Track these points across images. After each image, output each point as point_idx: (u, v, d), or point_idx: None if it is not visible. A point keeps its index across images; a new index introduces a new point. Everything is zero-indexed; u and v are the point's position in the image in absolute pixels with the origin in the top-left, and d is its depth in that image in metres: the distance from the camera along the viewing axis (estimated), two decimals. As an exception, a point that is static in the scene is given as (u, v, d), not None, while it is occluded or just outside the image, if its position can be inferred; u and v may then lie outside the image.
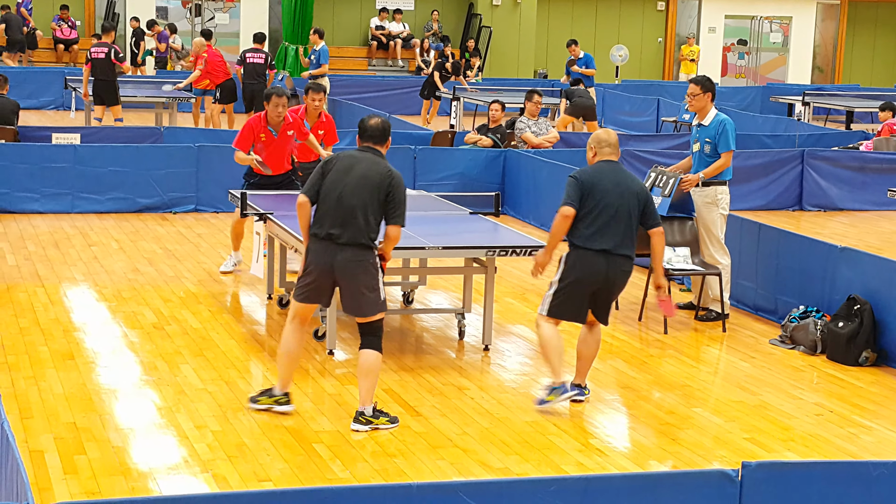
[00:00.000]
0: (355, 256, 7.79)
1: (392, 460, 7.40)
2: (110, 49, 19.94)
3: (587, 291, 8.37)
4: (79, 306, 10.82)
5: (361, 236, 7.79)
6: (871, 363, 9.79)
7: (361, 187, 7.83)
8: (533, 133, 16.86)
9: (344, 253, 7.78)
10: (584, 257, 8.34)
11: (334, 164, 7.99)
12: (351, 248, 7.78)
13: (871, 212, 17.21)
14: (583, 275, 8.33)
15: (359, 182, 7.84)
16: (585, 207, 8.36)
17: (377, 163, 7.95)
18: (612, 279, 8.38)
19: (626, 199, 8.36)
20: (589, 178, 8.41)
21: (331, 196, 7.85)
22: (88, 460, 7.20)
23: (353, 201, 7.79)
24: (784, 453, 7.86)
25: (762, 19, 37.85)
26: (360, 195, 7.81)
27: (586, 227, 8.35)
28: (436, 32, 33.44)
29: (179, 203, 15.33)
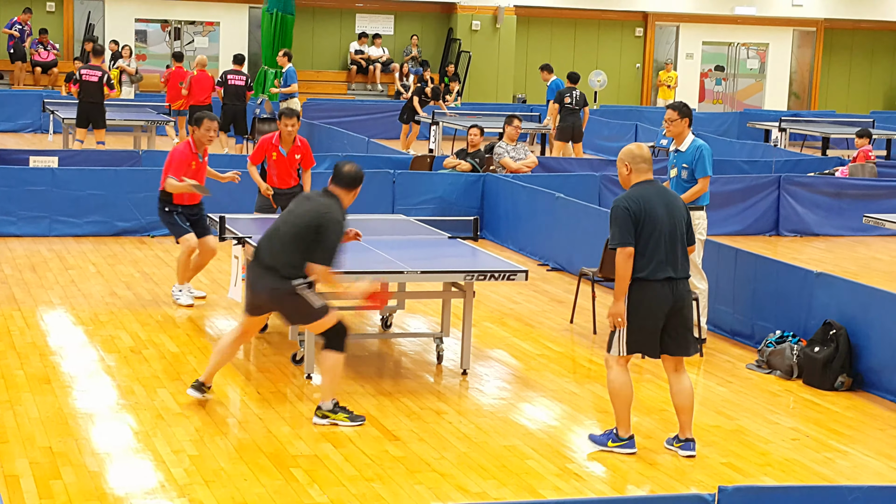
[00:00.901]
0: (272, 283, 8.22)
1: (370, 484, 7.39)
2: (104, 74, 20.00)
3: (659, 325, 7.94)
4: (55, 330, 10.78)
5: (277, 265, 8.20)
6: (847, 388, 9.83)
7: (291, 224, 8.25)
8: (511, 158, 16.91)
9: (264, 279, 8.26)
10: (648, 290, 7.88)
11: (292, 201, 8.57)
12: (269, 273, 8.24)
13: (847, 237, 17.29)
14: (652, 308, 7.88)
15: (292, 218, 8.29)
16: (641, 238, 7.86)
17: (320, 203, 8.26)
18: (681, 306, 7.99)
19: (677, 221, 8.00)
20: (638, 206, 7.87)
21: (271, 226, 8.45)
22: (64, 485, 7.17)
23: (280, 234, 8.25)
24: (760, 478, 7.87)
25: (739, 46, 38.07)
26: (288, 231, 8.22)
27: (646, 258, 7.86)
28: (415, 57, 33.53)
29: (158, 227, 15.24)
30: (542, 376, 9.99)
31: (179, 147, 11.85)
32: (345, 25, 34.01)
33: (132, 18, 32.19)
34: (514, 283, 12.92)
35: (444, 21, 34.55)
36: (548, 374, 10.08)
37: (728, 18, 36.80)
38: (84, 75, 20.13)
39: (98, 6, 31.90)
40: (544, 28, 35.48)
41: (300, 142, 12.44)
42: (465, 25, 33.83)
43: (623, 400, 8.07)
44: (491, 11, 33.92)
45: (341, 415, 8.38)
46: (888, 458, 8.35)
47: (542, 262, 14.55)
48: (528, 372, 10.12)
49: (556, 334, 11.35)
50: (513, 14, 34.15)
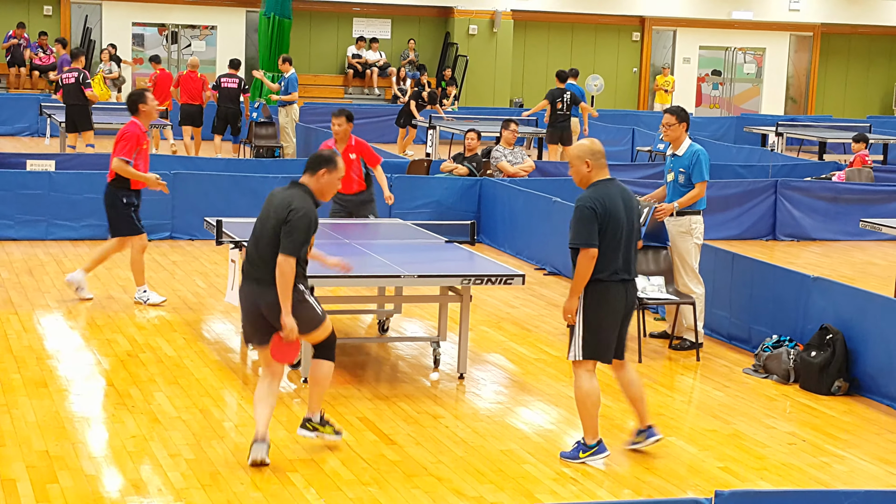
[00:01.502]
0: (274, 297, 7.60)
1: (367, 489, 7.39)
2: (80, 74, 19.90)
3: (616, 329, 7.94)
4: (52, 333, 10.78)
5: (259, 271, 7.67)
6: (844, 392, 9.84)
7: (270, 226, 7.66)
8: (509, 162, 16.93)
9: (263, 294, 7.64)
10: (607, 293, 7.81)
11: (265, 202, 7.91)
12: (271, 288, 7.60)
13: (843, 242, 17.32)
14: (610, 311, 7.84)
15: (268, 220, 7.70)
16: (605, 239, 7.76)
17: (287, 195, 7.70)
18: (632, 308, 8.02)
19: (635, 221, 7.95)
20: (604, 207, 7.74)
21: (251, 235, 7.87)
22: (61, 489, 7.16)
23: (263, 241, 7.68)
24: (757, 482, 7.88)
25: (736, 50, 38.12)
26: (269, 234, 7.66)
27: (608, 259, 7.77)
28: (412, 61, 33.56)
29: (154, 230, 15.28)
30: (538, 380, 9.99)
31: (129, 126, 11.63)
32: (342, 29, 34.04)
33: (129, 22, 32.21)
34: (511, 287, 12.93)
35: (441, 25, 34.57)
36: (545, 378, 10.08)
37: (725, 23, 36.84)
38: (64, 79, 20.13)
39: (95, 10, 31.92)
40: (541, 32, 35.52)
41: (355, 141, 12.27)
42: (463, 29, 33.86)
43: (591, 407, 7.96)
44: (488, 16, 33.95)
45: (328, 428, 8.01)
46: (885, 462, 8.36)
47: (538, 267, 14.55)
48: (525, 376, 10.12)
49: (552, 338, 11.35)
50: (510, 18, 34.18)
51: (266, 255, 7.63)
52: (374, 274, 9.59)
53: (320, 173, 7.76)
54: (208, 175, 15.84)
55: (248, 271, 7.76)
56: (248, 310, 7.79)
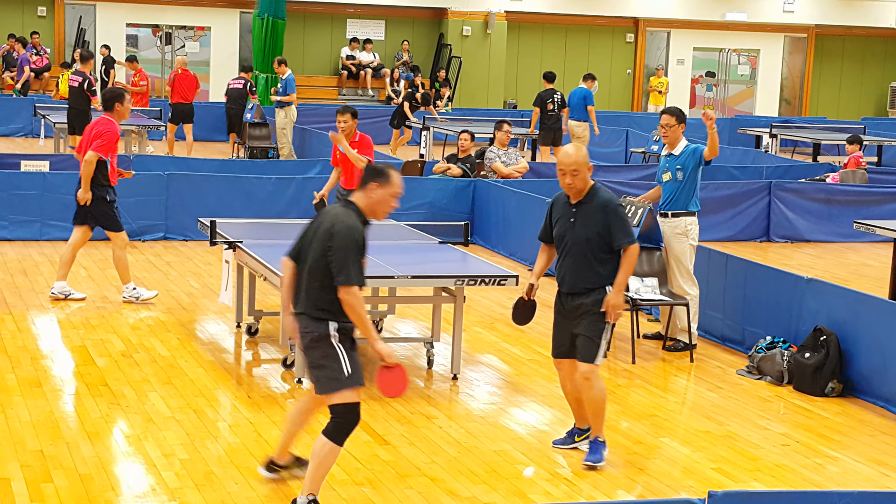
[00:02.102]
0: (303, 327, 6.82)
1: (360, 489, 7.39)
2: (85, 79, 19.92)
3: None
4: (46, 334, 10.77)
5: (310, 306, 6.78)
6: (837, 394, 9.85)
7: (317, 251, 6.77)
8: (503, 163, 16.93)
9: (298, 322, 6.88)
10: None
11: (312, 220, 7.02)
12: (301, 317, 6.84)
13: (837, 243, 17.34)
14: None
15: (313, 243, 6.82)
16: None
17: (334, 215, 6.82)
18: None
19: None
20: None
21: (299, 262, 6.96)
22: (55, 489, 7.16)
23: (310, 268, 6.79)
24: (751, 483, 7.89)
25: (730, 52, 38.17)
26: (315, 261, 6.76)
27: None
28: (406, 62, 33.56)
29: (148, 231, 15.30)
30: (532, 381, 10.00)
31: (108, 124, 11.61)
32: (336, 30, 34.04)
33: (123, 23, 32.19)
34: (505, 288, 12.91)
35: (434, 26, 34.58)
36: (538, 379, 10.09)
37: (719, 24, 36.88)
38: (70, 81, 20.18)
39: (89, 11, 31.89)
40: (535, 34, 35.54)
41: (359, 137, 12.11)
42: (456, 31, 33.87)
43: (605, 406, 8.05)
44: (482, 17, 33.96)
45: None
46: (878, 463, 8.37)
47: (532, 268, 14.54)
48: (519, 377, 10.13)
49: (546, 339, 11.31)
50: (503, 20, 34.19)
51: (312, 286, 6.75)
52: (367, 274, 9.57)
53: (370, 188, 6.82)
54: (202, 176, 15.84)
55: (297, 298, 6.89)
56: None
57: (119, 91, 11.83)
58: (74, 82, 19.97)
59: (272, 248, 10.00)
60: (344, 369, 6.73)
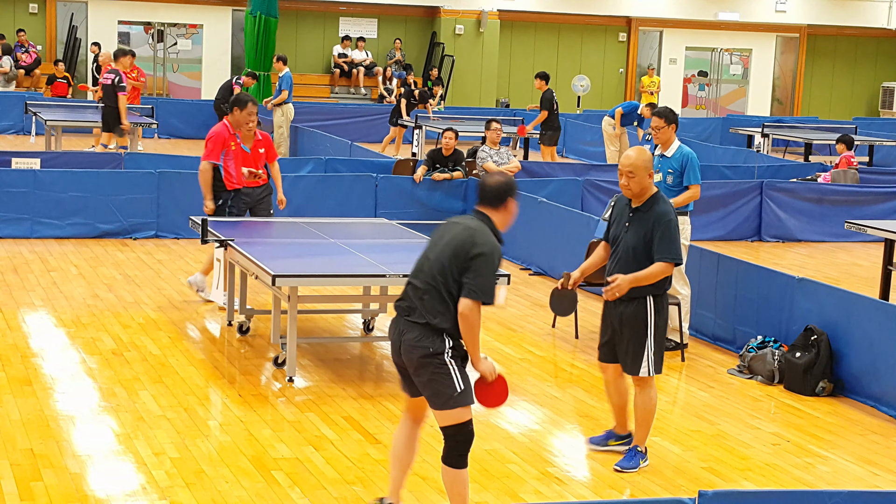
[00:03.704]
0: (416, 340, 6.48)
1: (351, 488, 7.39)
2: (117, 76, 19.94)
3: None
4: (37, 332, 10.75)
5: (428, 315, 6.48)
6: (828, 393, 9.86)
7: (440, 261, 6.50)
8: (494, 162, 16.92)
9: (410, 333, 6.52)
10: (665, 305, 7.94)
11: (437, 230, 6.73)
12: (417, 327, 6.51)
13: (828, 243, 17.36)
14: (665, 323, 7.96)
15: (442, 250, 6.53)
16: None
17: (468, 227, 6.54)
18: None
19: None
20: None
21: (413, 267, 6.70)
22: (45, 487, 7.15)
23: (429, 276, 6.52)
24: (741, 482, 7.90)
25: (722, 51, 38.20)
26: (436, 270, 6.50)
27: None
28: (399, 60, 33.55)
29: (140, 229, 15.28)
30: (523, 380, 10.00)
31: (216, 129, 11.52)
32: (328, 29, 34.02)
33: (115, 20, 32.14)
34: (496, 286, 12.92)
35: (427, 25, 34.58)
36: (529, 378, 10.09)
37: (711, 24, 36.91)
38: (102, 79, 20.21)
39: (81, 8, 31.85)
40: (528, 32, 35.55)
41: (261, 135, 11.80)
42: (449, 29, 33.86)
43: (652, 418, 8.05)
44: (475, 15, 33.96)
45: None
46: (868, 463, 8.39)
47: (524, 267, 14.56)
48: (510, 376, 10.12)
49: (537, 339, 11.36)
50: (496, 18, 34.20)
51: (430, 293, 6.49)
52: (359, 273, 9.58)
53: (509, 203, 6.68)
54: (193, 174, 15.76)
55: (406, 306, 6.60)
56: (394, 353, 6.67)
57: (238, 98, 11.54)
58: (108, 80, 19.99)
59: (263, 246, 9.99)
60: (456, 385, 6.49)
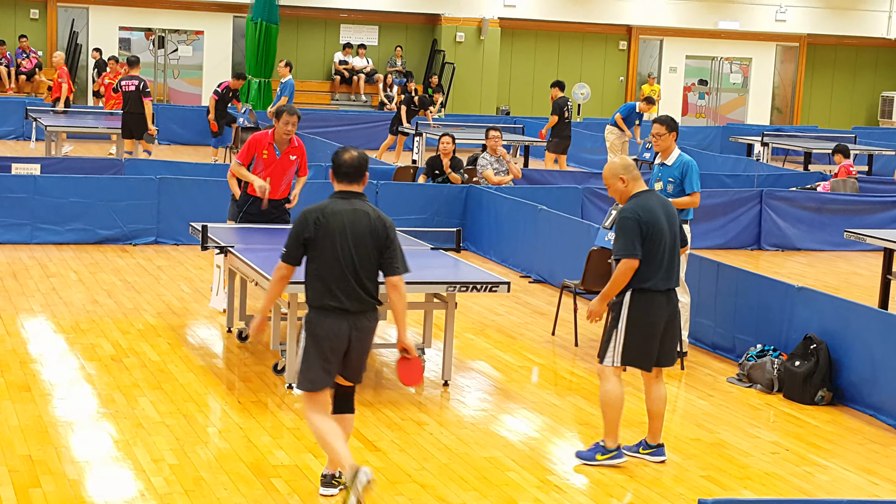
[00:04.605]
0: (371, 322, 7.12)
1: (350, 495, 7.38)
2: (141, 83, 20.02)
3: (658, 338, 8.01)
4: (36, 338, 10.75)
5: (373, 299, 7.11)
6: (827, 402, 9.86)
7: (368, 249, 7.03)
8: (494, 170, 16.93)
9: (361, 321, 7.06)
10: (651, 301, 7.93)
11: (323, 223, 7.01)
12: (367, 314, 7.09)
13: (828, 252, 17.36)
14: (654, 320, 7.94)
15: (365, 243, 7.03)
16: (649, 249, 7.89)
17: (372, 212, 7.08)
18: (674, 316, 8.08)
19: (675, 230, 8.07)
20: (647, 217, 7.89)
21: (336, 262, 6.99)
22: (44, 493, 7.14)
23: (364, 266, 7.02)
24: (740, 491, 7.89)
25: (722, 60, 38.21)
26: (367, 258, 7.03)
27: (653, 268, 7.90)
28: (399, 68, 33.55)
29: (139, 235, 15.28)
30: (523, 388, 10.00)
31: (259, 134, 11.40)
32: (329, 35, 34.03)
33: (116, 26, 32.14)
34: (496, 294, 12.92)
35: (428, 32, 34.59)
36: (529, 385, 10.09)
37: (712, 33, 36.92)
38: (124, 86, 20.18)
39: (82, 14, 31.85)
40: (528, 40, 35.55)
41: (297, 142, 11.52)
42: (450, 37, 33.87)
43: (616, 411, 8.09)
44: (475, 23, 33.98)
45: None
46: (867, 472, 8.38)
47: (524, 274, 14.56)
48: (510, 384, 10.13)
49: (537, 346, 11.35)
50: (497, 26, 34.21)
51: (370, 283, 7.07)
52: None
53: (367, 177, 7.23)
54: (193, 180, 15.82)
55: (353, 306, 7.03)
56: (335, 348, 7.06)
57: (277, 109, 11.37)
58: (131, 87, 20.02)
59: (263, 252, 9.99)
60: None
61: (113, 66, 25.39)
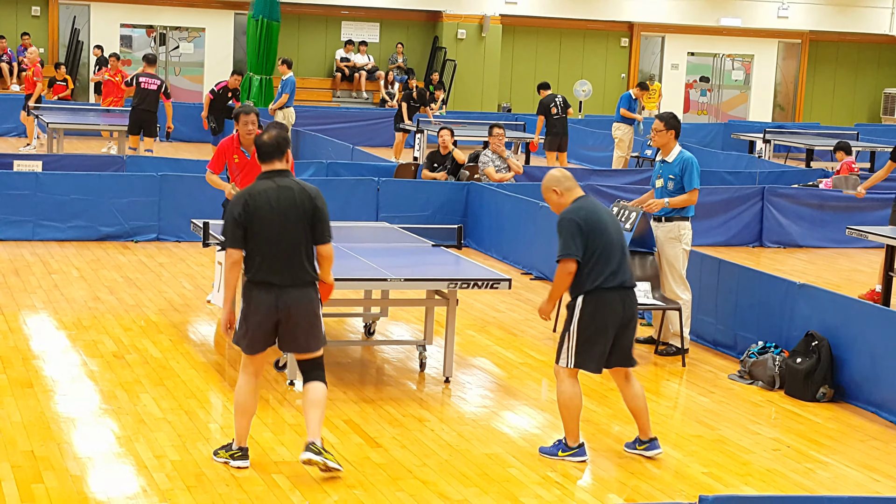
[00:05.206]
0: (302, 296, 7.50)
1: (352, 491, 7.39)
2: (162, 83, 20.07)
3: (609, 340, 8.02)
4: (38, 334, 10.76)
5: (305, 274, 7.52)
6: (829, 399, 9.86)
7: (296, 224, 7.46)
8: (496, 167, 16.93)
9: (290, 295, 7.47)
10: (602, 301, 7.95)
11: (251, 204, 7.43)
12: (297, 288, 7.49)
13: (829, 249, 17.36)
14: (605, 321, 7.95)
15: (292, 218, 7.45)
16: (595, 248, 7.92)
17: (296, 187, 7.50)
18: (631, 316, 8.08)
19: (621, 231, 8.19)
20: (587, 217, 7.95)
21: (265, 239, 7.44)
22: (46, 489, 7.16)
23: (293, 241, 7.46)
24: (741, 488, 7.90)
25: (724, 57, 38.20)
26: (296, 232, 7.47)
27: (600, 267, 7.93)
28: (400, 65, 33.55)
29: (141, 232, 15.29)
30: (524, 385, 10.00)
31: (224, 140, 11.34)
32: (330, 33, 34.03)
33: (117, 24, 32.16)
34: (498, 291, 12.95)
35: (429, 29, 34.59)
36: (530, 382, 10.09)
37: (713, 29, 36.92)
38: (143, 83, 20.13)
39: (84, 11, 31.86)
40: (530, 37, 35.55)
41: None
42: (451, 34, 33.87)
43: (573, 411, 8.09)
44: (477, 20, 33.98)
45: (329, 455, 7.60)
46: (868, 469, 8.39)
47: (525, 271, 14.57)
48: (511, 380, 10.14)
49: (538, 343, 11.36)
50: (498, 23, 34.21)
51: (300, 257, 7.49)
52: (360, 277, 9.58)
53: (289, 155, 7.68)
54: (195, 177, 15.81)
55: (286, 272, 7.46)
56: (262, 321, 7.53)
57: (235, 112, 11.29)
58: (152, 85, 20.03)
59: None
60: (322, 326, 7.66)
61: (114, 63, 25.31)
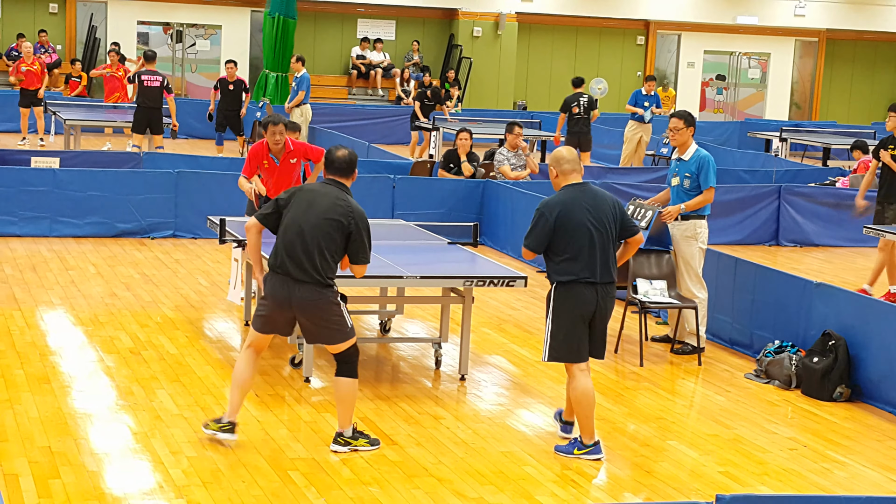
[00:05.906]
0: (312, 294, 7.77)
1: (367, 489, 7.40)
2: (164, 79, 20.13)
3: (584, 332, 8.06)
4: (55, 330, 10.79)
5: (318, 274, 7.77)
6: (846, 399, 9.84)
7: (321, 227, 7.78)
8: (511, 165, 16.93)
9: (301, 290, 7.77)
10: (572, 294, 7.97)
11: (294, 197, 7.95)
12: (308, 285, 7.77)
13: (846, 248, 17.31)
14: (576, 313, 7.99)
15: (319, 221, 7.79)
16: (563, 243, 7.96)
17: (339, 199, 7.89)
18: (604, 309, 8.08)
19: (606, 222, 8.03)
20: (557, 212, 7.97)
21: (290, 231, 7.84)
22: (63, 485, 7.18)
23: (313, 241, 7.76)
24: (758, 487, 7.89)
25: (741, 55, 38.12)
26: (319, 235, 7.77)
27: (569, 261, 7.97)
28: (416, 62, 33.56)
29: (158, 228, 15.32)
30: (540, 383, 10.00)
31: (256, 146, 11.50)
32: (346, 30, 34.05)
33: (134, 21, 32.23)
34: (513, 289, 12.92)
35: (445, 27, 34.58)
36: (546, 380, 10.09)
37: (730, 27, 36.84)
38: (146, 80, 20.18)
39: (101, 8, 31.94)
40: (546, 35, 35.52)
41: (292, 145, 11.58)
42: (467, 31, 33.86)
43: (586, 407, 8.09)
44: (492, 18, 33.96)
45: (362, 440, 8.01)
46: (885, 468, 8.37)
47: (540, 269, 14.55)
48: (526, 378, 10.13)
49: (554, 341, 11.32)
50: (514, 21, 34.19)
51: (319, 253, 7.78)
52: (376, 274, 9.59)
53: (354, 175, 8.09)
54: (211, 174, 15.85)
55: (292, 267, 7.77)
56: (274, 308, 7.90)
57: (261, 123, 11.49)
58: (155, 82, 20.10)
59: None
60: (347, 322, 7.92)
61: (113, 58, 25.36)
